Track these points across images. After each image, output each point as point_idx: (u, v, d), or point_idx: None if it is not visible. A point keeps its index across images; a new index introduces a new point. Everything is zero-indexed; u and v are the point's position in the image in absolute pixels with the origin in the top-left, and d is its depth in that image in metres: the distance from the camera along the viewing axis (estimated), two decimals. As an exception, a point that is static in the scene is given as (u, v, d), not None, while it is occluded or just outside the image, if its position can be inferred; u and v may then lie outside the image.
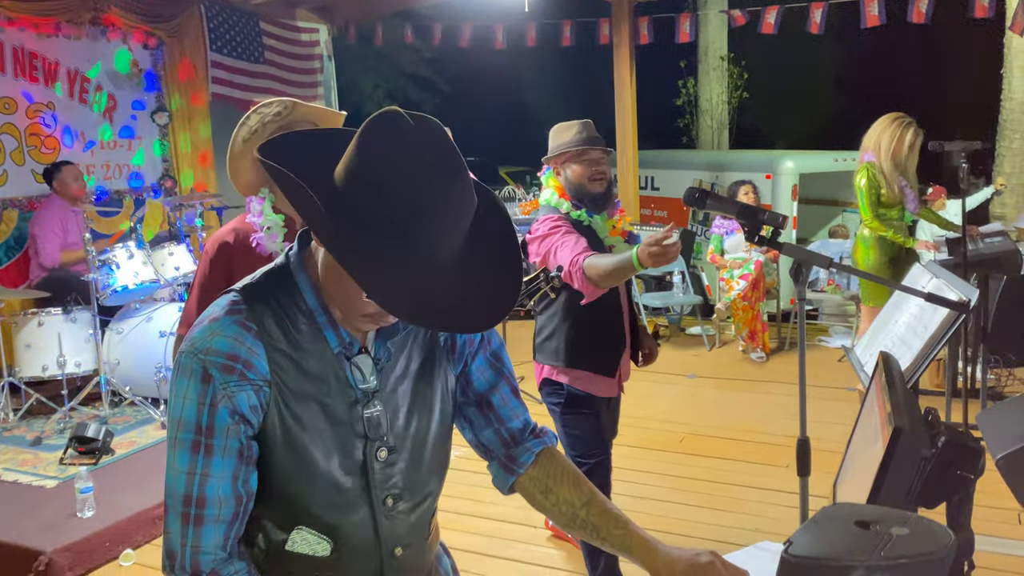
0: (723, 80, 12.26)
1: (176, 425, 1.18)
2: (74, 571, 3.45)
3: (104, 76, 6.45)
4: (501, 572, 3.37)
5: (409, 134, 1.08)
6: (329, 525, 1.25)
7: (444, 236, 1.10)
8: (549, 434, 1.47)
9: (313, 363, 1.22)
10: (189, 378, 1.17)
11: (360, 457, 1.25)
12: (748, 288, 6.12)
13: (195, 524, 1.18)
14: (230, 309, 1.21)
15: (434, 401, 1.34)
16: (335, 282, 1.18)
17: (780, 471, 4.25)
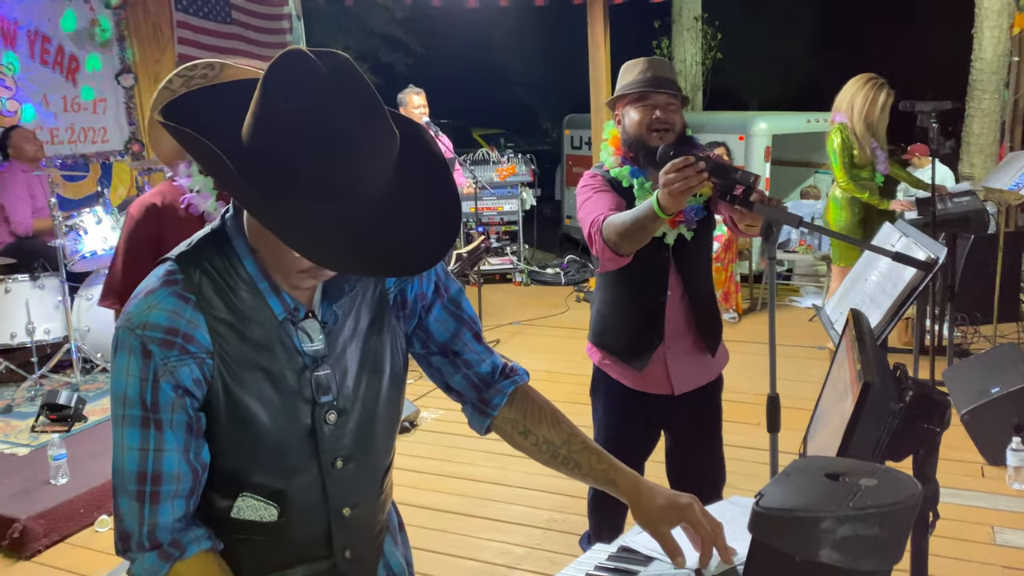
0: (697, 41, 12.20)
1: (121, 402, 1.14)
2: (49, 538, 3.43)
3: (66, 37, 6.28)
4: (480, 531, 3.41)
5: (314, 75, 1.02)
6: (275, 490, 1.23)
7: (364, 178, 1.05)
8: (520, 372, 1.46)
9: (257, 331, 1.18)
10: (129, 354, 1.13)
11: (308, 422, 1.23)
12: (721, 249, 6.16)
13: (151, 501, 1.15)
14: (167, 280, 1.16)
15: (384, 360, 1.31)
16: (264, 241, 1.15)
17: (752, 428, 4.32)
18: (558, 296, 7.40)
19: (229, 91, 1.15)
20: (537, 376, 5.49)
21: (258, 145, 1.05)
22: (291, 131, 1.02)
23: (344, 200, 1.04)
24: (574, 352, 5.76)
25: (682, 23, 12.10)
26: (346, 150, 1.03)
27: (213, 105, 1.13)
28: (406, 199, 1.11)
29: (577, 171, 10.03)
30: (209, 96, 1.15)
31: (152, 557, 1.16)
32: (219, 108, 1.12)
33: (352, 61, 1.06)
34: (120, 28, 6.65)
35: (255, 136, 1.05)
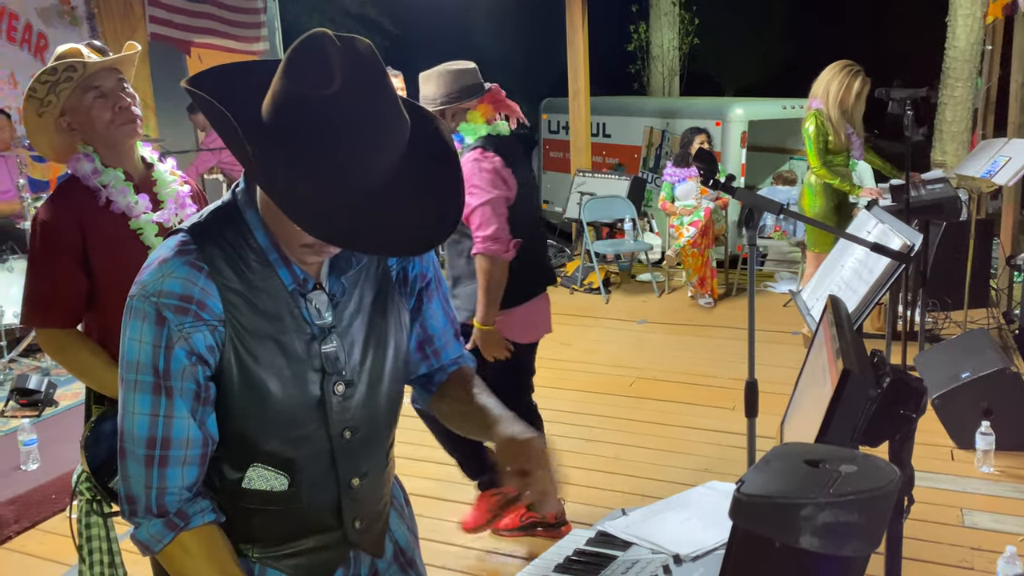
0: (674, 26, 12.20)
1: (133, 368, 1.17)
2: (20, 524, 3.39)
3: (33, 13, 6.14)
4: (456, 516, 3.41)
5: (335, 56, 1.06)
6: (286, 460, 1.26)
7: (370, 160, 1.08)
8: (468, 359, 1.52)
9: (267, 301, 1.21)
10: (143, 321, 1.15)
11: (318, 392, 1.25)
12: (698, 235, 6.19)
13: (160, 465, 1.17)
14: (180, 250, 1.18)
15: (388, 335, 1.34)
16: (272, 214, 1.17)
17: (727, 413, 4.36)
18: (535, 281, 7.41)
19: (256, 68, 1.19)
20: (515, 361, 5.40)
21: (273, 121, 1.08)
22: (304, 110, 1.06)
23: (349, 180, 1.08)
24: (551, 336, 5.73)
25: (660, 8, 12.09)
26: (358, 128, 1.06)
27: (237, 79, 1.16)
28: (410, 184, 1.14)
29: (555, 155, 10.01)
30: (234, 71, 1.19)
31: (158, 524, 1.18)
32: (244, 84, 1.15)
33: (373, 47, 1.10)
34: (89, 6, 6.52)
35: (271, 112, 1.09)
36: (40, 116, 2.03)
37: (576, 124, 7.86)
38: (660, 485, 3.62)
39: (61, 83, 1.98)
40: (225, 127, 1.07)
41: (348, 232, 1.08)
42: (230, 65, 1.22)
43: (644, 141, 8.94)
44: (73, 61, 1.97)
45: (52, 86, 1.98)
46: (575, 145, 7.95)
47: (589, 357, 5.33)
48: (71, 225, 2.02)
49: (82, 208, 2.03)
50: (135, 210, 2.08)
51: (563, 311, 6.41)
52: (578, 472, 3.77)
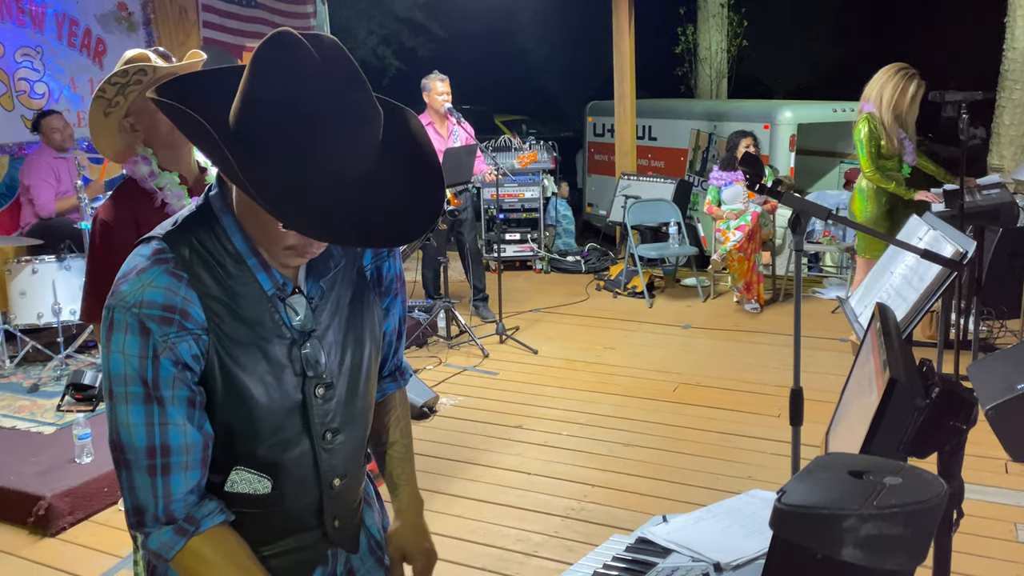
0: (723, 28, 12.08)
1: (121, 380, 1.15)
2: (73, 515, 3.48)
3: (93, 19, 6.32)
4: (497, 519, 3.42)
5: (300, 51, 1.06)
6: (269, 463, 1.26)
7: (346, 152, 1.08)
8: (406, 376, 1.56)
9: (247, 307, 1.20)
10: (125, 333, 1.13)
11: (299, 396, 1.25)
12: (744, 239, 6.11)
13: (163, 473, 1.16)
14: (157, 259, 1.17)
15: (365, 334, 1.35)
16: (251, 217, 1.16)
17: (771, 420, 4.29)
18: (578, 284, 7.38)
19: (223, 75, 1.19)
20: (556, 364, 5.50)
21: (243, 120, 1.08)
22: (272, 105, 1.06)
23: (326, 169, 1.07)
24: (594, 340, 5.76)
25: (708, 10, 11.98)
26: (325, 124, 1.06)
27: (206, 86, 1.17)
28: (389, 175, 1.14)
29: (599, 158, 9.99)
30: (202, 78, 1.19)
31: (168, 531, 1.18)
32: (212, 90, 1.15)
33: (339, 42, 1.10)
34: (146, 11, 6.68)
35: (240, 111, 1.09)
36: (106, 116, 2.08)
37: (621, 127, 7.83)
38: (702, 492, 3.58)
39: (130, 85, 2.04)
40: (196, 130, 1.07)
41: (337, 225, 1.08)
42: (198, 72, 1.22)
43: (691, 144, 8.87)
44: (143, 65, 2.03)
45: (121, 88, 2.04)
46: (620, 148, 7.92)
47: (632, 361, 5.30)
48: (128, 225, 2.07)
49: (139, 209, 2.09)
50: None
51: (606, 315, 6.40)
52: (618, 477, 3.76)
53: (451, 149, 5.60)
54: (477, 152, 5.89)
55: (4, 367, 4.90)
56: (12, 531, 3.44)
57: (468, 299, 6.43)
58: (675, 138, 9.07)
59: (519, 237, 7.88)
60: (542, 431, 4.28)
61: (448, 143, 5.93)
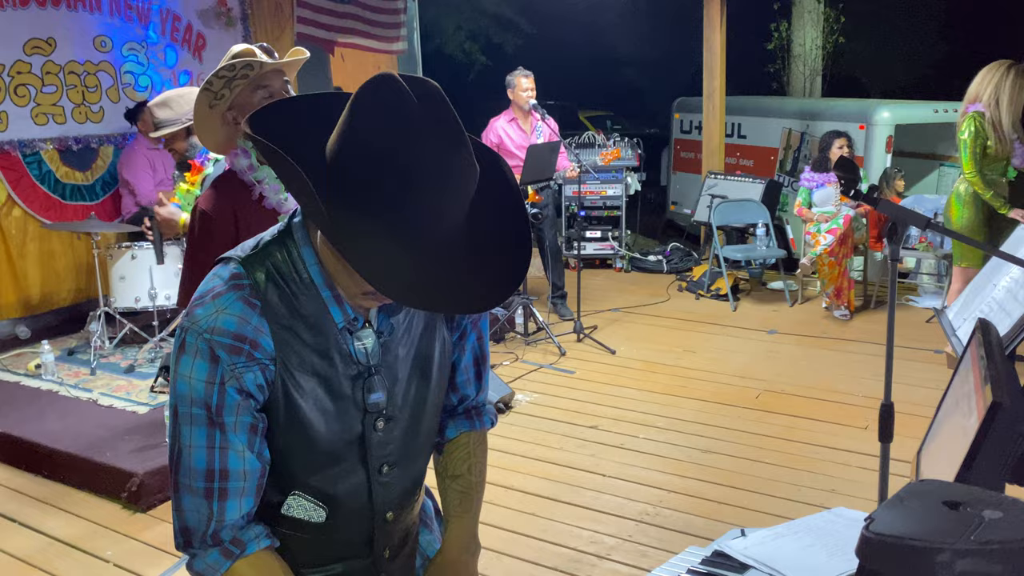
0: (818, 24, 11.69)
1: (187, 402, 1.15)
2: (163, 494, 3.63)
3: (194, 15, 6.56)
4: (570, 519, 3.40)
5: (405, 102, 1.02)
6: (325, 493, 1.26)
7: (437, 213, 1.04)
8: (485, 419, 1.50)
9: (317, 338, 1.19)
10: (195, 357, 1.14)
11: (359, 428, 1.24)
12: (836, 243, 5.90)
13: (220, 498, 1.16)
14: (234, 284, 1.16)
15: (431, 370, 1.32)
16: (334, 258, 1.15)
17: (858, 432, 4.14)
18: (659, 284, 7.28)
19: (321, 103, 1.17)
20: (634, 365, 5.44)
21: (338, 166, 1.05)
22: (371, 157, 1.03)
23: (418, 233, 1.04)
24: (674, 343, 5.67)
25: (803, 5, 11.61)
26: (427, 183, 1.03)
27: (301, 115, 1.14)
28: (478, 236, 1.10)
29: (685, 156, 9.81)
30: (298, 106, 1.17)
31: (215, 554, 1.18)
32: (307, 119, 1.13)
33: (441, 90, 1.05)
34: (244, 7, 6.90)
35: (337, 156, 1.06)
36: (211, 108, 2.14)
37: (710, 125, 7.67)
38: (782, 504, 3.48)
39: (237, 79, 2.09)
40: (289, 173, 1.04)
41: (419, 290, 1.04)
42: (295, 99, 1.20)
43: (781, 143, 8.62)
44: (251, 60, 2.09)
45: (228, 82, 2.09)
46: (708, 146, 7.76)
47: (713, 366, 5.19)
48: (227, 216, 2.13)
49: (237, 201, 2.15)
50: (285, 206, 2.18)
51: (688, 317, 6.29)
52: (695, 484, 3.69)
53: (534, 146, 5.59)
54: (560, 148, 5.87)
55: (104, 347, 5.14)
56: (107, 504, 3.61)
57: (547, 296, 6.42)
58: (765, 137, 8.83)
59: (600, 235, 7.82)
60: (618, 433, 4.24)
61: (531, 139, 5.92)
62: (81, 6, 5.82)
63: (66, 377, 4.78)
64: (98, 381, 4.72)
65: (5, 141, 5.45)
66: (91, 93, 5.92)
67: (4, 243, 5.54)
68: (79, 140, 5.88)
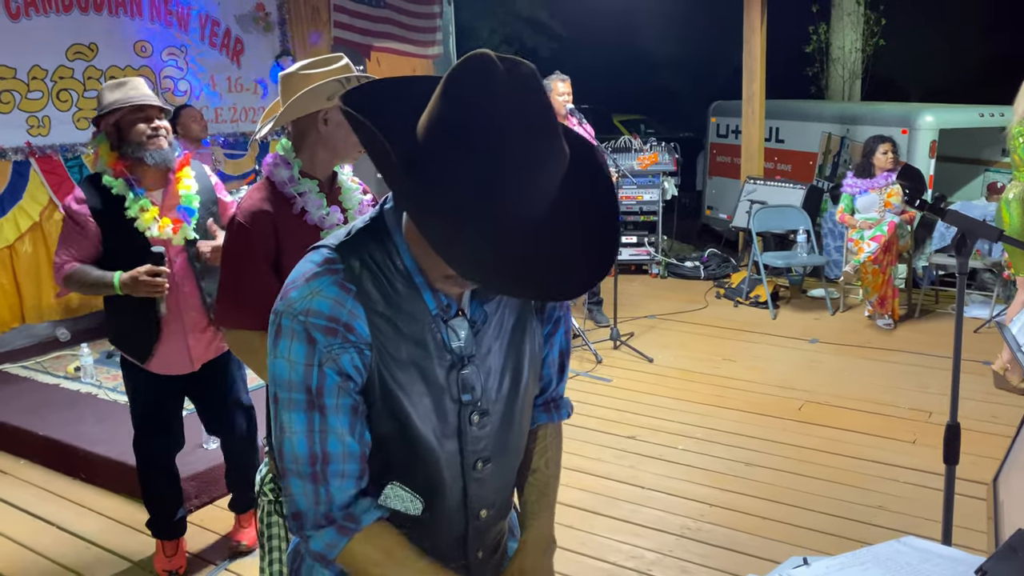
0: (858, 26, 11.50)
1: (286, 386, 1.14)
2: (200, 499, 3.62)
3: (232, 20, 6.59)
4: (609, 532, 3.33)
5: (497, 84, 0.99)
6: (422, 486, 1.23)
7: (525, 197, 1.02)
8: (562, 412, 1.49)
9: (411, 325, 1.17)
10: (291, 339, 1.13)
11: (455, 421, 1.22)
12: (879, 251, 5.76)
13: (324, 481, 1.16)
14: (328, 268, 1.15)
15: (523, 362, 1.30)
16: (419, 241, 1.12)
17: (906, 447, 4.02)
18: (696, 291, 7.18)
19: (414, 83, 1.14)
20: (672, 374, 5.35)
21: (429, 146, 1.03)
22: (461, 138, 1.00)
23: (502, 216, 1.01)
24: (712, 351, 5.57)
25: (843, 8, 11.44)
26: (517, 167, 1.00)
27: (392, 96, 1.12)
28: (564, 222, 1.07)
29: (722, 160, 9.69)
30: (389, 87, 1.15)
31: (331, 532, 1.17)
32: (398, 100, 1.11)
33: (536, 72, 1.02)
34: (282, 12, 6.92)
35: (428, 136, 1.03)
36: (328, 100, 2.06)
37: (749, 129, 7.55)
38: (827, 519, 3.39)
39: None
40: (377, 151, 1.03)
41: (494, 272, 1.02)
42: (385, 81, 1.18)
43: (821, 148, 8.47)
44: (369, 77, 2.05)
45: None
46: (747, 151, 7.65)
47: (753, 375, 5.09)
48: (268, 230, 2.04)
49: (278, 213, 2.06)
50: (327, 221, 2.11)
51: (726, 324, 6.18)
52: (737, 497, 3.60)
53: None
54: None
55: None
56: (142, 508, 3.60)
57: (582, 302, 6.35)
58: (804, 141, 8.68)
59: (636, 240, 7.73)
60: (657, 444, 4.16)
61: (569, 144, 5.85)
62: (122, 12, 5.87)
63: (104, 380, 4.81)
64: (136, 384, 4.74)
65: (48, 145, 5.51)
66: (131, 97, 5.97)
67: (45, 246, 5.60)
68: (119, 144, 5.93)
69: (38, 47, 5.40)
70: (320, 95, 2.04)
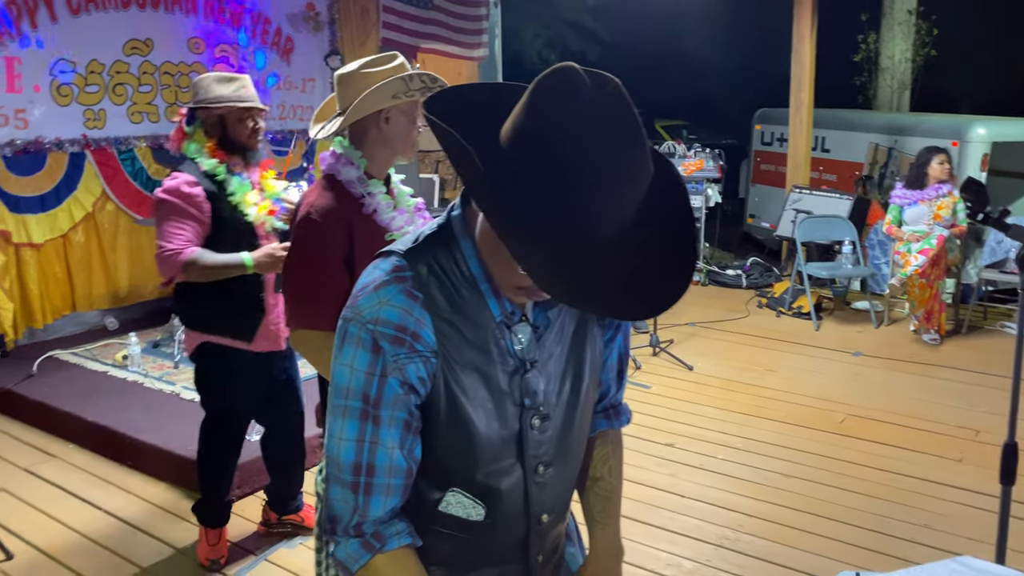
0: (909, 36, 11.30)
1: (343, 393, 1.16)
2: (242, 489, 3.67)
3: (284, 19, 6.68)
4: (646, 539, 3.32)
5: (584, 95, 0.99)
6: (484, 491, 1.24)
7: (612, 210, 1.01)
8: (622, 418, 1.50)
9: (475, 332, 1.18)
10: (357, 347, 1.14)
11: (516, 426, 1.23)
12: (928, 264, 5.66)
13: (365, 493, 1.17)
14: (396, 276, 1.16)
15: (584, 368, 1.30)
16: (492, 250, 1.13)
17: (951, 464, 3.95)
18: (738, 299, 7.11)
19: (501, 91, 1.14)
20: (712, 383, 5.31)
21: (514, 154, 1.03)
22: (546, 149, 1.00)
23: (586, 228, 1.01)
24: (753, 361, 5.51)
25: (893, 17, 11.25)
26: (602, 178, 0.99)
27: (479, 102, 1.12)
28: (641, 239, 1.06)
29: (765, 168, 9.60)
30: (472, 93, 1.16)
31: (355, 544, 1.19)
32: (485, 106, 1.11)
33: (621, 88, 1.02)
34: (331, 11, 7.00)
35: (513, 144, 1.04)
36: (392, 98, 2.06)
37: (796, 137, 7.47)
38: (869, 535, 3.34)
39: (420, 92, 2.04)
40: (461, 157, 1.03)
41: (582, 291, 1.02)
42: (474, 86, 1.19)
43: (867, 158, 8.35)
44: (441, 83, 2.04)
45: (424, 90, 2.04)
46: (793, 160, 7.57)
47: (794, 386, 5.03)
48: (342, 229, 2.03)
49: (350, 213, 2.06)
50: (395, 223, 2.12)
51: (768, 334, 6.12)
52: (776, 509, 3.56)
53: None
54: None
55: (187, 342, 5.25)
56: (186, 496, 3.67)
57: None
58: (850, 151, 8.57)
59: (677, 247, 7.68)
60: (696, 452, 4.13)
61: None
62: (178, 9, 5.98)
63: (151, 369, 4.90)
64: (181, 375, 4.82)
65: (102, 138, 5.63)
66: (184, 93, 6.08)
67: (97, 236, 5.73)
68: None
69: (97, 42, 5.53)
70: (385, 94, 2.05)
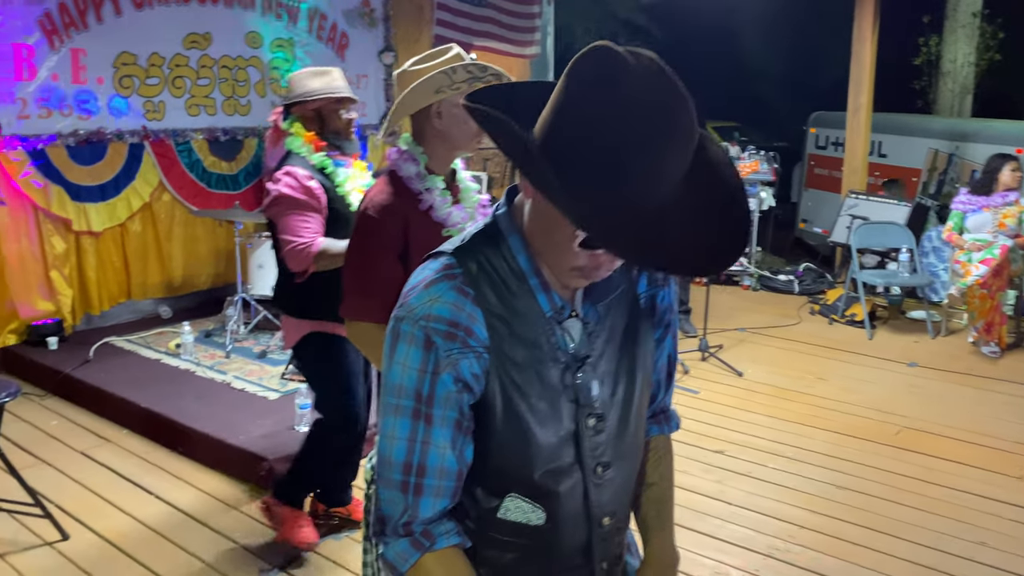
0: (972, 40, 10.99)
1: (396, 392, 1.16)
2: (290, 480, 3.71)
3: (339, 14, 6.74)
4: (693, 546, 3.27)
5: (622, 64, 1.01)
6: (543, 493, 1.22)
7: (662, 170, 1.03)
8: (672, 423, 1.49)
9: (526, 327, 1.18)
10: (410, 345, 1.14)
11: (572, 425, 1.21)
12: (989, 275, 5.49)
13: (415, 493, 1.16)
14: (446, 273, 1.17)
15: (637, 366, 1.29)
16: (543, 234, 1.14)
17: (1011, 481, 3.83)
18: (789, 305, 6.98)
19: (540, 88, 1.15)
20: (762, 390, 5.22)
21: (554, 131, 1.05)
22: (594, 114, 1.02)
23: (638, 189, 1.02)
24: (805, 368, 5.41)
25: (957, 19, 10.96)
26: (649, 138, 1.01)
27: (512, 95, 1.15)
28: (694, 199, 1.08)
29: (819, 172, 9.42)
30: (510, 89, 1.19)
31: (404, 543, 1.18)
32: (520, 100, 1.13)
33: (659, 60, 1.04)
34: (386, 8, 7.04)
35: (552, 122, 1.06)
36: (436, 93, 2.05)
37: (853, 142, 7.32)
38: (923, 551, 3.25)
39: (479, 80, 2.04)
40: (506, 134, 1.05)
41: (644, 245, 1.03)
42: (514, 84, 1.22)
43: (926, 164, 8.14)
44: (498, 71, 2.04)
45: (471, 80, 2.03)
46: (850, 165, 7.41)
47: (848, 396, 4.92)
48: (398, 224, 2.06)
49: (407, 208, 2.09)
50: (451, 219, 2.13)
51: (820, 342, 6.00)
52: (828, 521, 3.49)
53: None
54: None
55: (239, 332, 5.34)
56: (236, 485, 3.72)
57: (671, 310, 6.25)
58: (908, 156, 8.36)
59: (728, 250, 7.57)
60: (745, 460, 4.07)
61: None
62: (236, 3, 6.07)
63: (203, 358, 4.99)
64: (232, 364, 4.90)
65: (161, 130, 5.75)
66: (240, 87, 6.18)
67: (153, 226, 5.85)
68: (227, 132, 6.14)
69: (158, 35, 5.64)
70: (427, 90, 2.05)
